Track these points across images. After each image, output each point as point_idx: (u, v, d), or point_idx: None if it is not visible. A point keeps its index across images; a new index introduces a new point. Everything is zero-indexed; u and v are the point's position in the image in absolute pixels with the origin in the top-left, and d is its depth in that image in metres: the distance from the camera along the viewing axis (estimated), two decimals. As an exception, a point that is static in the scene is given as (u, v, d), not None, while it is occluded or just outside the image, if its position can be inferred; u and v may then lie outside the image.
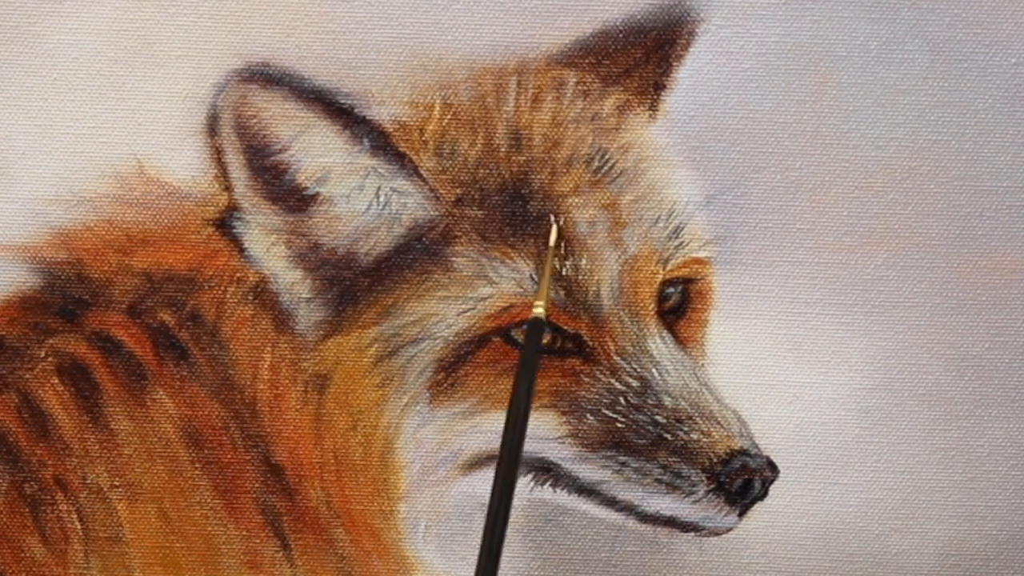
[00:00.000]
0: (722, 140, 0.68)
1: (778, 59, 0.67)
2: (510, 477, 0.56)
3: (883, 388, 0.66)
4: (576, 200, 0.68)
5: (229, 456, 0.69)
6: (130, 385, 0.69)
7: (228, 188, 0.68)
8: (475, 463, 0.69)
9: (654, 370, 0.68)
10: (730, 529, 0.68)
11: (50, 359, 0.69)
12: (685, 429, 0.67)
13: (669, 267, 0.68)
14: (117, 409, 0.69)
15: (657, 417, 0.67)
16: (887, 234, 0.68)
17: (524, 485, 0.69)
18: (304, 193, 0.68)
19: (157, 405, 0.69)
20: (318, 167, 0.68)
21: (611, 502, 0.68)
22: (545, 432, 0.68)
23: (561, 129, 0.68)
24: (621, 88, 0.68)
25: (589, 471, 0.68)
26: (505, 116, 0.68)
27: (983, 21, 0.67)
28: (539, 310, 0.62)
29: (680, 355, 0.68)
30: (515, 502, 0.69)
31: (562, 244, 0.66)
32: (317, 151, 0.68)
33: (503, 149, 0.68)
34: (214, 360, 0.69)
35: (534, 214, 0.68)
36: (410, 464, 0.69)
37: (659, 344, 0.68)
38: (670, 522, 0.68)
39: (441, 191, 0.68)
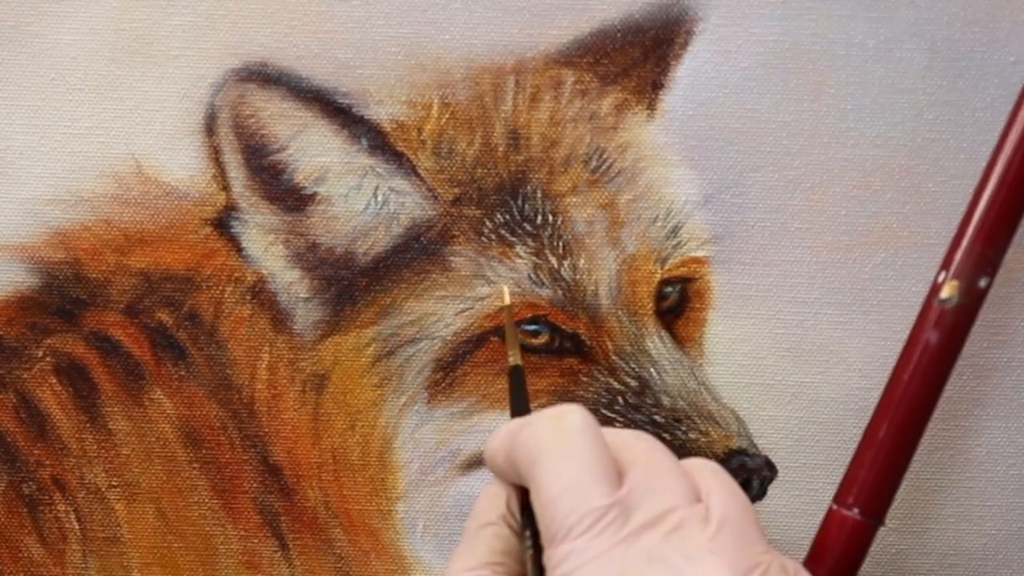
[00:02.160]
0: (720, 139, 0.68)
1: (776, 58, 0.67)
2: None
3: (881, 388, 0.66)
4: (574, 199, 0.68)
5: (227, 456, 0.69)
6: (128, 385, 0.69)
7: (226, 187, 0.68)
8: (473, 463, 0.69)
9: (652, 369, 0.68)
10: (729, 529, 0.68)
11: (48, 359, 0.69)
12: (683, 428, 0.67)
13: (667, 266, 0.68)
14: (115, 409, 0.69)
15: (655, 417, 0.67)
16: (885, 233, 0.68)
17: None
18: (302, 192, 0.68)
19: (155, 405, 0.69)
20: (316, 166, 0.68)
21: (610, 502, 0.68)
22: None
23: (559, 128, 0.68)
24: (619, 87, 0.68)
25: (588, 471, 0.68)
26: (503, 115, 0.68)
27: (981, 20, 0.67)
28: (513, 358, 0.62)
29: (678, 354, 0.68)
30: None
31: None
32: (315, 150, 0.68)
33: (501, 148, 0.68)
34: (212, 360, 0.69)
35: (532, 213, 0.68)
36: (408, 464, 0.69)
37: (657, 343, 0.68)
38: (669, 522, 0.68)
39: (439, 190, 0.68)
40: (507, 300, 0.65)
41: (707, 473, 0.54)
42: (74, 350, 0.69)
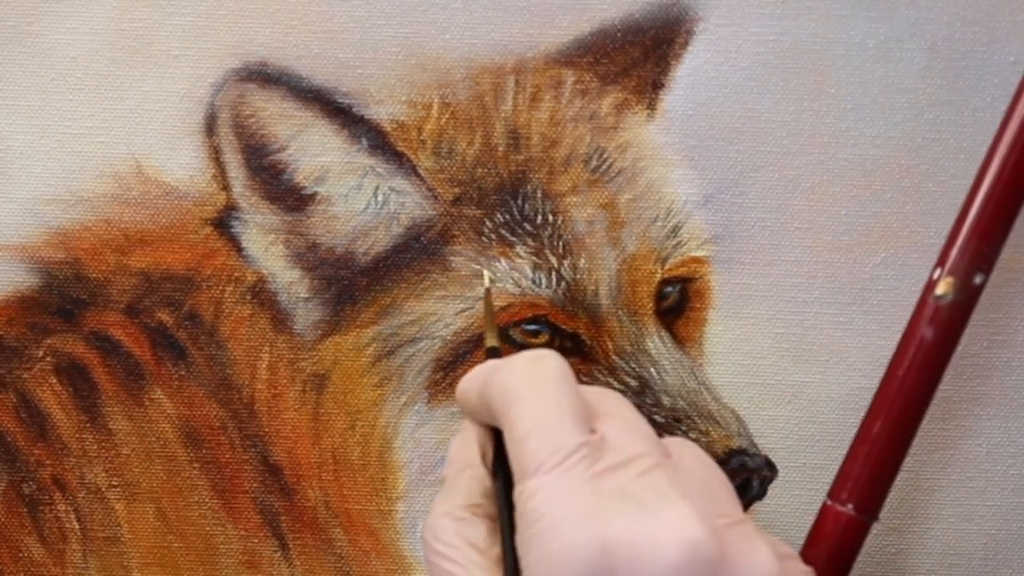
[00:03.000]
0: (720, 139, 0.68)
1: (776, 58, 0.67)
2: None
3: (882, 387, 0.66)
4: (574, 199, 0.68)
5: (227, 456, 0.69)
6: (128, 385, 0.69)
7: (226, 187, 0.68)
8: (473, 463, 0.69)
9: (652, 369, 0.68)
10: (729, 528, 0.68)
11: (48, 359, 0.69)
12: (683, 428, 0.67)
13: (667, 266, 0.68)
14: (115, 409, 0.69)
15: (655, 416, 0.67)
16: (885, 233, 0.68)
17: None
18: (302, 192, 0.68)
19: (155, 405, 0.69)
20: (316, 166, 0.68)
21: (610, 501, 0.68)
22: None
23: (559, 128, 0.68)
24: (619, 87, 0.68)
25: (588, 470, 0.68)
26: (503, 115, 0.68)
27: (981, 19, 0.67)
28: (492, 342, 0.62)
29: (678, 354, 0.68)
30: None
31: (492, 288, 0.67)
32: (315, 150, 0.68)
33: (501, 148, 0.68)
34: (212, 360, 0.69)
35: (532, 213, 0.68)
36: (408, 464, 0.69)
37: (657, 343, 0.68)
38: (669, 521, 0.68)
39: (439, 190, 0.68)
40: (487, 283, 0.65)
41: (678, 442, 0.56)
42: (74, 350, 0.69)
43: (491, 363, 0.57)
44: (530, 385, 0.54)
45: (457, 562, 0.53)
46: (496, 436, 0.56)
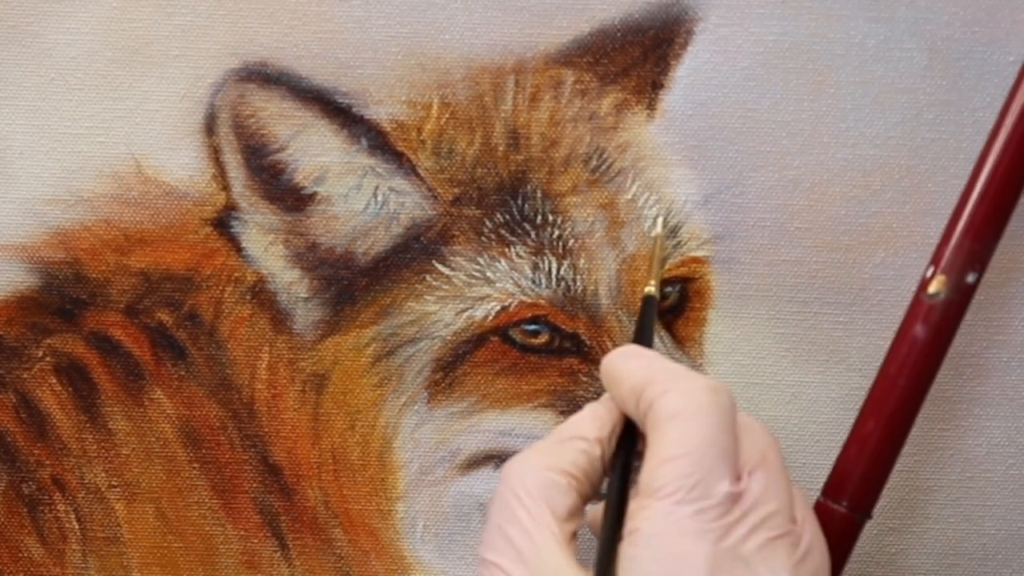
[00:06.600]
0: (720, 139, 0.68)
1: (776, 58, 0.67)
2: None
3: (881, 387, 0.66)
4: (574, 199, 0.68)
5: (227, 456, 0.69)
6: (128, 385, 0.69)
7: (226, 187, 0.68)
8: (473, 463, 0.69)
9: (652, 369, 0.67)
10: (728, 529, 0.68)
11: (48, 359, 0.69)
12: (683, 428, 0.67)
13: (667, 266, 0.68)
14: (115, 409, 0.69)
15: (655, 416, 0.67)
16: (885, 233, 0.68)
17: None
18: (302, 192, 0.68)
19: (155, 405, 0.69)
20: (316, 166, 0.68)
21: (610, 501, 0.68)
22: (544, 431, 0.68)
23: (559, 128, 0.68)
24: (619, 87, 0.68)
25: (588, 471, 0.68)
26: (503, 115, 0.68)
27: (981, 19, 0.67)
28: (651, 288, 0.65)
29: (678, 354, 0.68)
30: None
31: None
32: (315, 150, 0.68)
33: (501, 148, 0.68)
34: (212, 360, 0.69)
35: (532, 213, 0.68)
36: (408, 464, 0.69)
37: (657, 343, 0.68)
38: (669, 522, 0.68)
39: (439, 190, 0.68)
40: (659, 229, 0.66)
41: (803, 502, 0.56)
42: (74, 350, 0.69)
43: (655, 359, 0.57)
44: (701, 412, 0.53)
45: (532, 516, 0.53)
46: (629, 430, 0.57)
